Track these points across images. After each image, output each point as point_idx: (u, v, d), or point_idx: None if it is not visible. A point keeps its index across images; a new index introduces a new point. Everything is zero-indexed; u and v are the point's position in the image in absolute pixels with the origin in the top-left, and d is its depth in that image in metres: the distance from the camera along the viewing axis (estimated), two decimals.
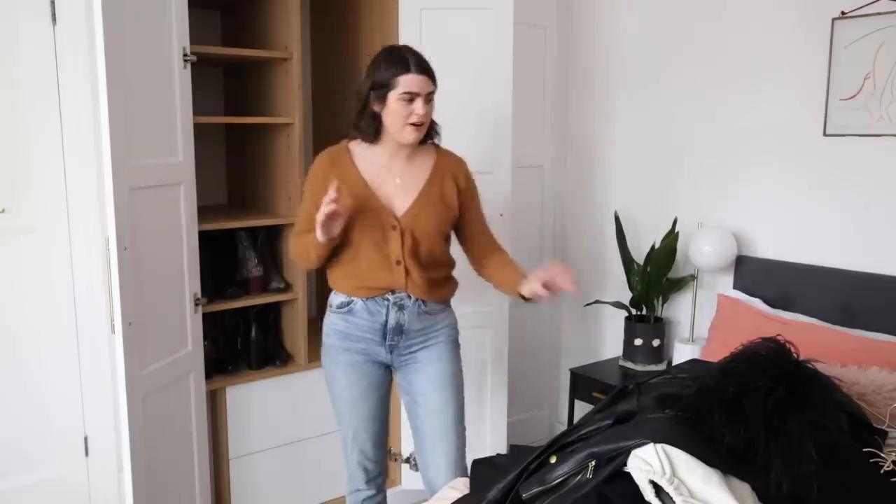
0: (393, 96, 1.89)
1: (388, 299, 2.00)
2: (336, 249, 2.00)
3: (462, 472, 2.04)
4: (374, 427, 2.11)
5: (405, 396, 2.13)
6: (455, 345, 2.12)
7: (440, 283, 2.06)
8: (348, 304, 2.03)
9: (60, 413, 2.52)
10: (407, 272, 1.98)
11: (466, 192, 2.08)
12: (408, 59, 1.90)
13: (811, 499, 1.37)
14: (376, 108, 1.93)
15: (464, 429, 2.10)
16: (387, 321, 2.01)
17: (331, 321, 2.10)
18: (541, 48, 3.20)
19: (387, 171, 2.00)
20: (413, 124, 1.91)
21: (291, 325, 2.77)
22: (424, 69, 1.91)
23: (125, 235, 1.98)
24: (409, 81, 1.88)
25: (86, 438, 2.58)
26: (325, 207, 1.80)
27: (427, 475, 2.09)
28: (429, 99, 1.92)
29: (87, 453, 2.58)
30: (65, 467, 2.55)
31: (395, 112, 1.91)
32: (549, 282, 1.89)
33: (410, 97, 1.89)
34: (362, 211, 1.96)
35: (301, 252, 2.03)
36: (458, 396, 2.09)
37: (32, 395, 2.48)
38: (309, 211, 1.95)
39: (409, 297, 2.00)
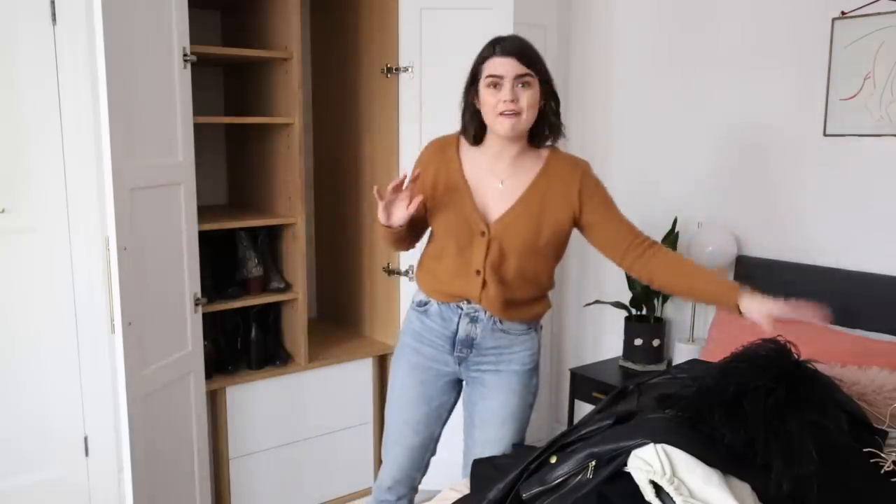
0: (482, 85, 1.75)
1: (461, 308, 1.86)
2: (425, 240, 1.93)
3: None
4: (411, 437, 1.95)
5: (466, 413, 1.98)
6: (531, 375, 1.92)
7: (522, 304, 1.87)
8: (426, 304, 1.91)
9: (60, 413, 2.52)
10: (484, 284, 1.82)
11: (588, 204, 1.83)
12: (494, 44, 1.75)
13: (811, 499, 1.37)
14: (476, 103, 1.80)
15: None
16: (457, 331, 1.87)
17: (409, 318, 1.98)
18: (541, 48, 3.18)
19: (490, 173, 1.84)
20: (503, 113, 1.73)
21: (291, 325, 2.77)
22: (510, 51, 1.73)
23: (125, 235, 1.98)
24: (492, 65, 1.74)
25: (86, 438, 2.58)
26: (391, 184, 1.71)
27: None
28: (523, 84, 1.73)
29: (87, 453, 2.58)
30: (65, 467, 2.55)
31: (485, 101, 1.76)
32: (795, 311, 1.68)
33: (494, 82, 1.73)
34: (454, 209, 1.83)
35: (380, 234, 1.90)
36: (519, 432, 1.93)
37: (32, 395, 2.48)
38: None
39: (484, 311, 1.85)
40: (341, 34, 2.99)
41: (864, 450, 1.68)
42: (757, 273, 2.68)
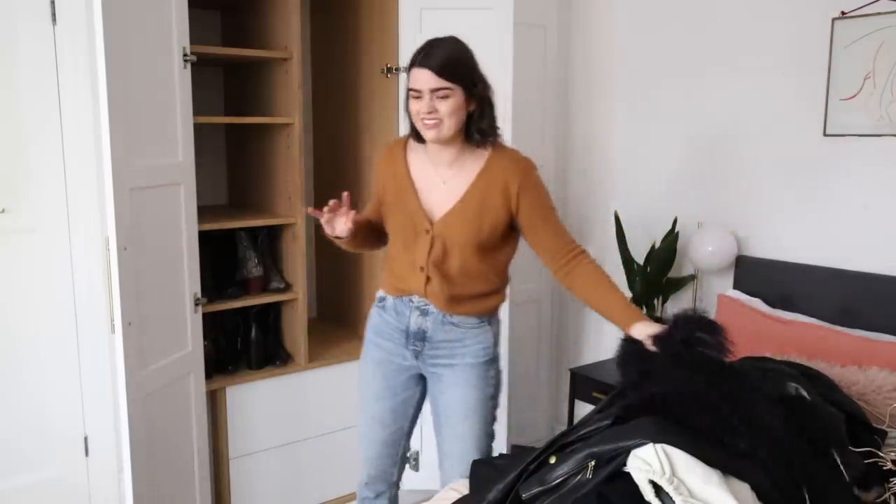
0: (409, 92, 1.80)
1: (412, 301, 1.92)
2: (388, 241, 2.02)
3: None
4: (379, 432, 2.01)
5: (431, 410, 2.01)
6: (486, 367, 1.94)
7: (469, 299, 1.90)
8: (383, 299, 2.00)
9: (60, 413, 2.52)
10: (428, 280, 1.88)
11: (522, 200, 1.84)
12: (418, 54, 1.77)
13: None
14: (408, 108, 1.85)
15: (483, 450, 1.97)
16: (409, 324, 1.93)
17: (370, 314, 2.05)
18: (541, 48, 3.20)
19: (434, 173, 1.90)
20: (424, 122, 1.79)
21: (291, 325, 2.77)
22: (429, 63, 1.74)
23: (125, 235, 1.98)
24: (412, 76, 1.78)
25: (86, 438, 2.58)
26: (327, 206, 1.84)
27: (443, 480, 2.01)
28: (441, 96, 1.75)
29: (87, 453, 2.58)
30: (65, 467, 2.55)
31: (410, 108, 1.82)
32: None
33: (416, 94, 1.78)
34: (401, 209, 1.90)
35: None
36: (484, 424, 1.95)
37: (32, 395, 2.48)
38: (369, 200, 2.03)
39: (433, 304, 1.90)
40: (341, 34, 2.99)
41: (864, 449, 1.68)
42: (757, 273, 2.68)
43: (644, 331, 1.73)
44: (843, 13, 2.41)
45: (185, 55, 2.22)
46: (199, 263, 2.37)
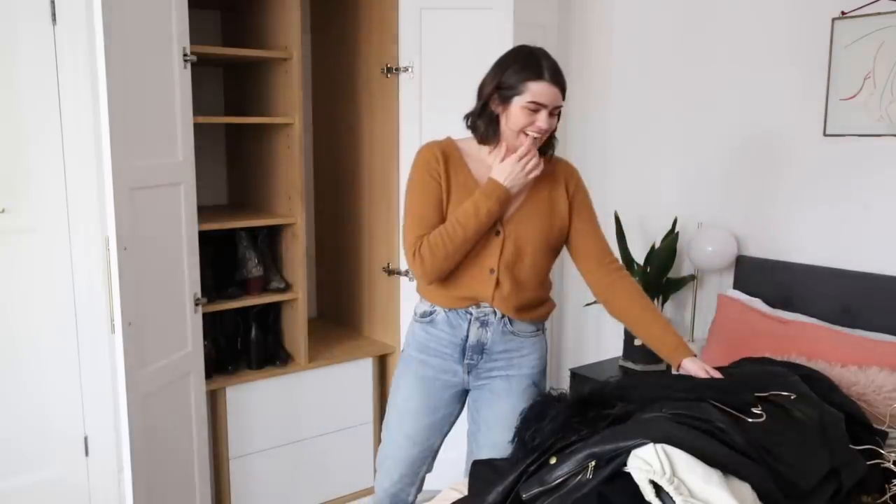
0: (518, 102, 1.73)
1: (470, 313, 1.84)
2: None
3: None
4: (408, 450, 1.92)
5: (471, 418, 1.96)
6: (539, 378, 1.92)
7: (533, 304, 1.87)
8: (430, 313, 1.88)
9: (60, 413, 2.52)
10: (497, 283, 1.80)
11: (576, 197, 1.87)
12: (542, 66, 1.72)
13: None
14: (497, 109, 1.77)
15: None
16: (467, 337, 1.85)
17: (412, 331, 1.94)
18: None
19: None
20: (530, 135, 1.75)
21: (291, 325, 2.77)
22: (558, 80, 1.73)
23: (125, 235, 1.98)
24: (538, 90, 1.71)
25: (86, 438, 2.58)
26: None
27: None
28: (555, 113, 1.75)
29: (87, 453, 2.58)
30: (65, 467, 2.55)
31: (516, 119, 1.74)
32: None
33: (536, 108, 1.72)
34: None
35: (451, 246, 1.77)
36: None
37: (32, 395, 2.47)
38: (424, 204, 1.80)
39: (495, 312, 1.83)
40: (341, 34, 2.99)
41: (863, 447, 1.68)
42: (757, 273, 2.68)
43: (692, 368, 1.76)
44: (843, 13, 2.41)
45: (185, 55, 2.22)
46: (199, 263, 2.37)
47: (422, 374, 1.90)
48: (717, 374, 1.74)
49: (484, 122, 1.80)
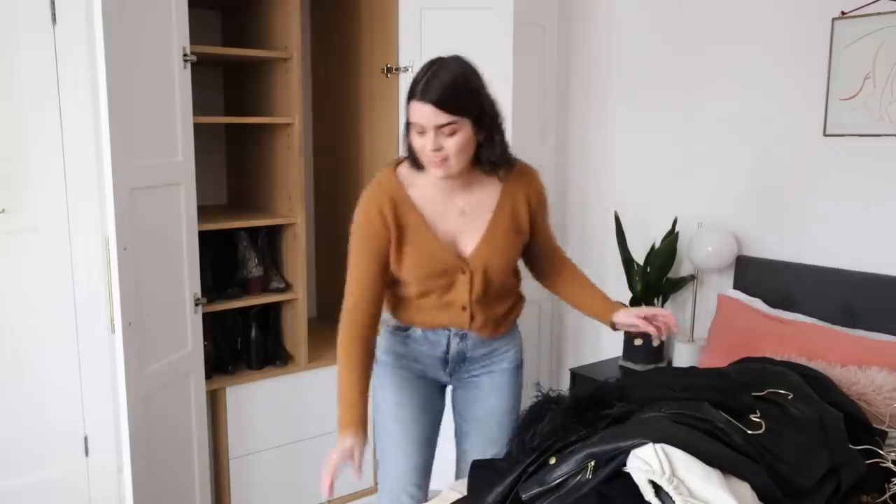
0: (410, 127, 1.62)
1: (449, 330, 1.79)
2: (391, 282, 1.77)
3: None
4: (418, 454, 1.85)
5: (458, 417, 1.93)
6: (519, 370, 1.91)
7: (506, 316, 1.85)
8: (406, 329, 1.82)
9: (60, 413, 2.52)
10: (472, 317, 1.76)
11: (538, 211, 1.79)
12: (419, 82, 1.57)
13: None
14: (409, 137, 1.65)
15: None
16: (448, 350, 1.81)
17: (388, 341, 1.86)
18: (541, 48, 3.20)
19: (448, 201, 1.71)
20: (431, 160, 1.60)
21: (291, 325, 2.77)
22: (431, 97, 1.54)
23: (125, 235, 1.98)
24: (413, 110, 1.58)
25: (86, 438, 2.58)
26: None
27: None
28: (449, 132, 1.57)
29: (87, 453, 2.58)
30: (65, 467, 2.55)
31: (413, 144, 1.63)
32: (650, 316, 1.72)
33: (419, 129, 1.59)
34: (424, 257, 1.69)
35: (339, 367, 1.71)
36: (511, 430, 1.89)
37: (32, 395, 2.48)
38: (364, 267, 1.69)
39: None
40: (341, 34, 2.99)
41: (863, 447, 1.68)
42: (757, 273, 2.68)
43: (621, 316, 1.76)
44: (843, 13, 2.41)
45: (185, 55, 2.22)
46: (199, 263, 2.37)
47: (407, 377, 1.86)
48: (647, 312, 1.73)
49: (408, 149, 1.68)
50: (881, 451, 1.69)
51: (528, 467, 1.51)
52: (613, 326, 1.80)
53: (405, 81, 2.68)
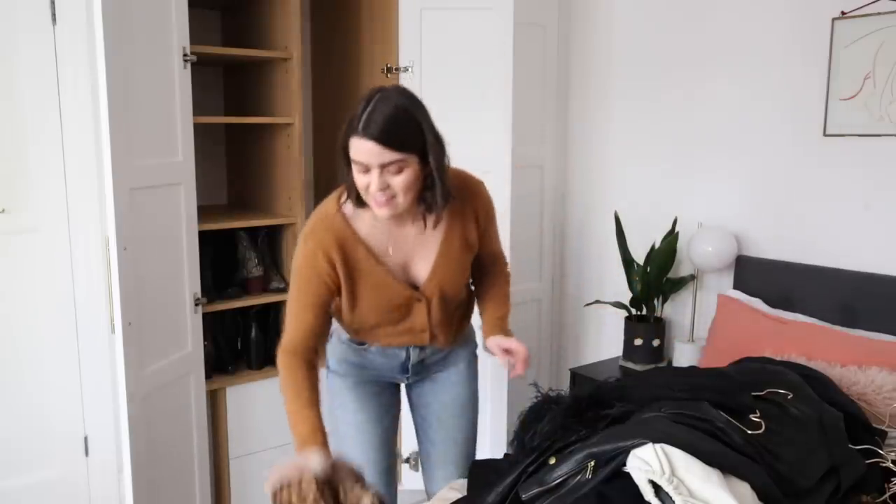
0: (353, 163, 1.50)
1: (408, 346, 1.80)
2: (347, 312, 1.71)
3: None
4: (384, 459, 1.86)
5: (417, 415, 1.94)
6: (474, 361, 1.94)
7: (462, 320, 1.86)
8: (363, 343, 1.80)
9: (60, 413, 2.52)
10: (432, 336, 1.76)
11: (487, 224, 1.76)
12: (361, 116, 1.44)
13: None
14: (349, 172, 1.53)
15: (473, 453, 1.94)
16: (408, 359, 1.81)
17: (342, 352, 1.83)
18: (541, 48, 3.20)
19: (396, 231, 1.65)
20: (375, 199, 1.50)
21: None
22: (373, 134, 1.42)
23: (125, 235, 1.98)
24: (355, 147, 1.46)
25: (86, 438, 2.58)
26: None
27: (429, 487, 1.96)
28: (395, 171, 1.46)
29: (87, 453, 2.58)
30: (65, 467, 2.55)
31: (356, 180, 1.51)
32: (509, 351, 1.70)
33: (362, 168, 1.47)
34: (376, 291, 1.65)
35: (285, 399, 1.67)
36: (472, 422, 1.93)
37: (32, 395, 2.48)
38: (303, 306, 1.62)
39: None
40: (341, 34, 2.99)
41: (863, 447, 1.68)
42: (757, 273, 2.68)
43: (490, 345, 1.74)
44: (843, 13, 2.41)
45: (185, 55, 2.22)
46: (200, 263, 2.37)
47: (363, 382, 1.84)
48: (508, 345, 1.70)
49: (350, 185, 1.55)
50: (881, 451, 1.68)
51: (527, 467, 1.51)
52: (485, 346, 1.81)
53: (405, 81, 2.68)
